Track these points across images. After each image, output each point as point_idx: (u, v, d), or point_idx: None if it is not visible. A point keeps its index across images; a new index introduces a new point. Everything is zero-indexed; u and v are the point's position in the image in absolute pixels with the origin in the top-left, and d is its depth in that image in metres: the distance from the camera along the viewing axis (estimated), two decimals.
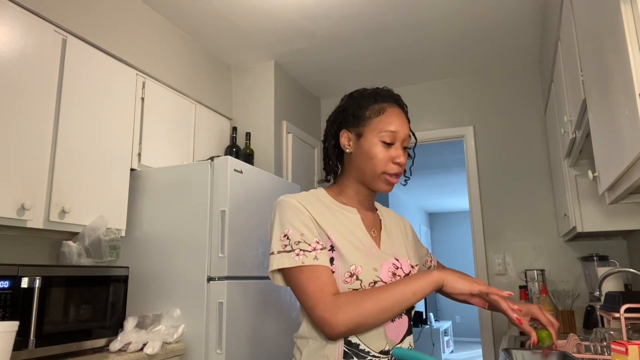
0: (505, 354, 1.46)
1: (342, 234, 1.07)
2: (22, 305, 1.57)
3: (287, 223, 1.03)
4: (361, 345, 1.00)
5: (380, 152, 1.08)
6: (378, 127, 1.09)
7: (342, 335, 0.97)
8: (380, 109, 1.11)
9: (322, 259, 1.00)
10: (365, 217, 1.16)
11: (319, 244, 1.02)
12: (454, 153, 5.25)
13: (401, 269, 1.10)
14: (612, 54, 1.14)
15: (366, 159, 1.09)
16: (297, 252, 1.00)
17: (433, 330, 7.25)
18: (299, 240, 1.01)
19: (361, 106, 1.13)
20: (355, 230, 1.10)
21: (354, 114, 1.13)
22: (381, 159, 1.08)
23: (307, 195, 1.11)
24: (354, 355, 1.00)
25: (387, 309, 0.96)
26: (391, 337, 1.04)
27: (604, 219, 2.23)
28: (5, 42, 1.74)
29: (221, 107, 3.08)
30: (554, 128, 2.65)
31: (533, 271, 2.85)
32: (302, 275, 0.99)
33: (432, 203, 8.73)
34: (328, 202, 1.12)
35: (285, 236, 1.02)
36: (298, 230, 1.02)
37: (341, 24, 2.72)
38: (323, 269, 1.00)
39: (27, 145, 1.77)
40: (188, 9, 2.56)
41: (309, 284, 0.98)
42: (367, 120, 1.11)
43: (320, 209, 1.09)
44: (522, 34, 2.87)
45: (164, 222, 2.22)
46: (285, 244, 1.01)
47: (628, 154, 1.08)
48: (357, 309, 0.95)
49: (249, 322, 2.16)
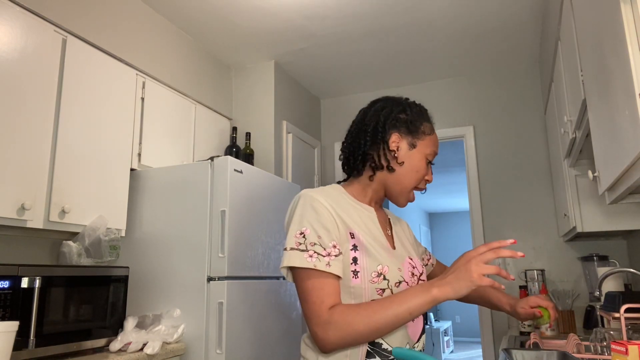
0: (505, 354, 1.46)
1: (366, 232, 1.07)
2: (22, 305, 1.57)
3: (306, 221, 1.01)
4: (384, 344, 1.01)
5: (423, 168, 1.13)
6: (429, 146, 1.14)
7: (332, 351, 0.98)
8: (432, 129, 1.17)
9: (334, 267, 0.99)
10: (379, 217, 1.17)
11: (335, 249, 1.00)
12: (454, 153, 5.25)
13: (416, 269, 1.12)
14: (612, 54, 1.14)
15: (411, 170, 1.12)
16: (310, 254, 0.98)
17: (433, 330, 7.25)
18: (314, 242, 1.00)
19: (419, 118, 1.15)
20: (374, 229, 1.10)
21: (413, 123, 1.14)
22: (421, 175, 1.13)
23: (331, 192, 1.10)
24: (376, 354, 1.00)
25: (379, 329, 0.94)
26: (412, 336, 1.05)
27: (604, 219, 2.23)
28: (5, 42, 1.74)
29: (221, 107, 3.08)
30: (554, 128, 2.65)
31: (533, 271, 2.85)
32: (308, 280, 0.98)
33: (432, 203, 8.73)
34: (347, 199, 1.12)
35: (301, 234, 1.01)
36: (316, 231, 1.00)
37: (341, 24, 2.72)
38: (331, 279, 0.99)
39: (27, 145, 1.77)
40: (188, 9, 2.56)
41: (312, 292, 0.98)
42: (422, 135, 1.14)
43: (345, 206, 1.08)
44: (522, 34, 2.87)
45: (164, 222, 2.22)
46: (299, 242, 1.00)
47: (628, 154, 1.08)
48: (348, 329, 0.94)
49: (249, 322, 2.16)
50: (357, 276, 1.01)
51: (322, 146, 3.79)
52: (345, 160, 1.18)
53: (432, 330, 7.26)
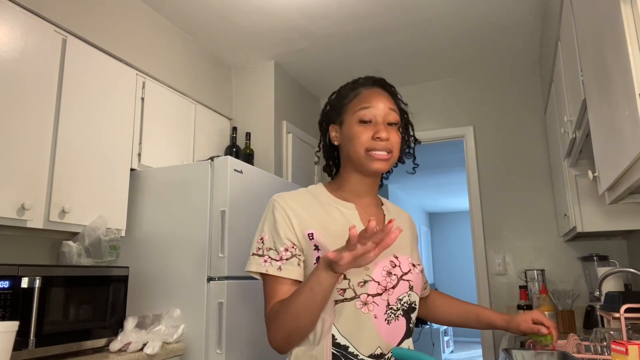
0: (505, 354, 1.46)
1: (333, 231, 1.04)
2: (22, 305, 1.57)
3: (266, 227, 1.06)
4: (350, 347, 0.98)
5: (358, 131, 1.07)
6: (353, 108, 1.10)
7: (281, 350, 1.00)
8: (357, 93, 1.13)
9: (285, 270, 1.00)
10: (365, 212, 1.12)
11: (287, 252, 1.01)
12: (454, 153, 5.25)
13: (399, 267, 1.06)
14: (612, 54, 1.14)
15: (349, 142, 1.09)
16: (265, 259, 1.02)
17: (433, 330, 7.25)
18: (270, 247, 1.03)
19: (340, 97, 1.15)
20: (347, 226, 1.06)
21: (335, 107, 1.15)
22: (361, 138, 1.06)
23: (302, 193, 1.11)
24: (342, 357, 0.98)
25: (298, 315, 0.93)
26: (387, 340, 1.01)
27: (604, 219, 2.23)
28: (5, 42, 1.74)
29: (221, 107, 3.08)
30: (554, 128, 2.65)
31: (533, 271, 2.85)
32: (265, 284, 1.03)
33: (432, 203, 8.73)
34: (324, 198, 1.11)
35: (261, 239, 1.05)
36: (272, 237, 1.04)
37: (341, 23, 2.72)
38: (283, 283, 1.00)
39: (27, 145, 1.77)
40: (188, 9, 2.56)
41: (266, 295, 1.02)
42: (345, 107, 1.13)
43: (312, 207, 1.07)
44: (522, 34, 2.87)
45: (164, 222, 2.22)
46: (259, 247, 1.05)
47: (628, 154, 1.08)
48: (277, 323, 0.97)
49: (249, 322, 2.16)
50: None
51: None
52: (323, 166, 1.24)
53: (432, 330, 7.26)
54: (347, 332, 0.99)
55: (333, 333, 0.99)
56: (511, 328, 1.21)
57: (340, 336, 0.99)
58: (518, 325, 1.20)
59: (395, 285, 1.04)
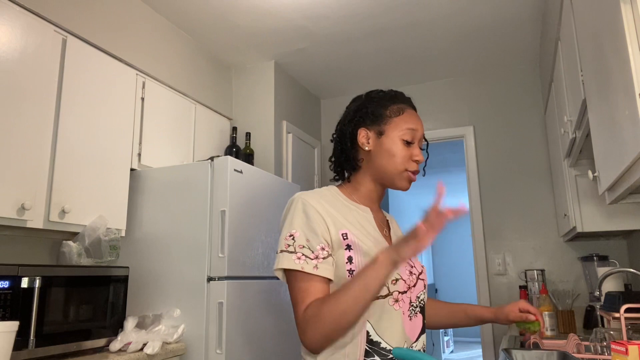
0: (505, 354, 1.46)
1: (361, 231, 1.08)
2: (22, 305, 1.57)
3: (296, 224, 1.04)
4: (382, 343, 1.01)
5: (401, 150, 1.10)
6: (399, 126, 1.11)
7: (318, 350, 0.98)
8: (400, 109, 1.14)
9: (322, 269, 1.00)
10: (376, 217, 1.17)
11: (323, 251, 1.01)
12: (454, 153, 5.25)
13: (415, 268, 1.13)
14: (612, 54, 1.14)
15: (388, 157, 1.10)
16: (298, 256, 1.00)
17: (433, 331, 7.25)
18: (303, 245, 1.01)
19: (381, 105, 1.14)
20: (370, 229, 1.11)
21: (374, 113, 1.14)
22: (403, 157, 1.10)
23: (325, 193, 1.12)
24: (375, 353, 1.00)
25: (346, 312, 0.93)
26: (409, 336, 1.05)
27: (604, 219, 2.23)
28: (5, 42, 1.74)
29: (221, 107, 3.08)
30: (554, 128, 2.65)
31: (533, 271, 2.85)
32: (297, 282, 1.00)
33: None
34: (342, 200, 1.13)
35: (291, 236, 1.03)
36: (305, 234, 1.02)
37: (341, 24, 2.72)
38: (318, 281, 0.99)
39: (27, 145, 1.77)
40: (188, 9, 2.56)
41: (298, 294, 1.00)
42: (388, 119, 1.13)
43: (339, 207, 1.10)
44: (522, 34, 2.87)
45: (164, 222, 2.22)
46: (289, 244, 1.02)
47: (628, 154, 1.08)
48: (319, 323, 0.95)
49: (249, 322, 2.16)
50: (353, 275, 1.01)
51: (322, 146, 3.79)
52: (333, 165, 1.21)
53: (432, 331, 7.26)
54: (381, 328, 1.02)
55: (367, 330, 1.01)
56: (500, 319, 1.24)
57: (374, 332, 1.01)
58: (506, 316, 1.23)
59: (415, 283, 1.11)
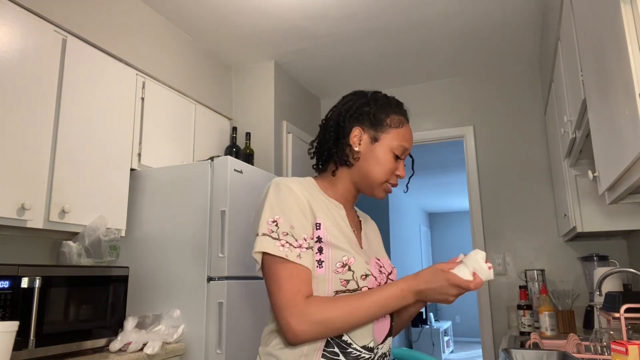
0: (505, 354, 1.46)
1: (334, 224, 1.06)
2: (22, 305, 1.57)
3: (279, 209, 1.00)
4: (344, 336, 0.99)
5: (390, 162, 1.10)
6: (395, 139, 1.10)
7: (302, 342, 0.97)
8: (400, 122, 1.12)
9: (305, 259, 0.98)
10: (349, 215, 1.15)
11: (305, 242, 0.99)
12: (454, 153, 5.25)
13: (384, 268, 1.11)
14: (612, 54, 1.14)
15: (375, 164, 1.09)
16: (282, 243, 0.97)
17: (433, 330, 7.25)
18: (286, 232, 0.99)
19: (384, 111, 1.12)
20: (342, 224, 1.09)
21: (375, 116, 1.11)
22: (389, 169, 1.10)
23: (303, 182, 1.09)
24: (335, 345, 0.98)
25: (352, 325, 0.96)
26: (376, 336, 1.03)
27: (604, 219, 2.23)
28: (5, 42, 1.74)
29: (221, 107, 3.08)
30: (554, 128, 2.65)
31: (533, 271, 2.85)
32: (283, 269, 0.97)
33: (432, 203, 8.73)
34: (318, 192, 1.11)
35: (274, 222, 0.99)
36: (289, 222, 0.99)
37: (341, 24, 2.72)
38: (302, 271, 0.97)
39: (27, 146, 1.77)
40: (188, 9, 2.56)
41: (288, 280, 0.96)
42: (387, 128, 1.11)
43: (316, 198, 1.08)
44: (522, 34, 2.87)
45: (164, 222, 2.22)
46: (272, 229, 0.99)
47: (628, 154, 1.08)
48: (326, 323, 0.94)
49: (249, 322, 2.16)
50: (322, 266, 1.00)
51: None
52: (313, 155, 1.18)
53: (432, 330, 7.26)
54: None
55: None
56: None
57: None
58: None
59: (385, 282, 1.08)
